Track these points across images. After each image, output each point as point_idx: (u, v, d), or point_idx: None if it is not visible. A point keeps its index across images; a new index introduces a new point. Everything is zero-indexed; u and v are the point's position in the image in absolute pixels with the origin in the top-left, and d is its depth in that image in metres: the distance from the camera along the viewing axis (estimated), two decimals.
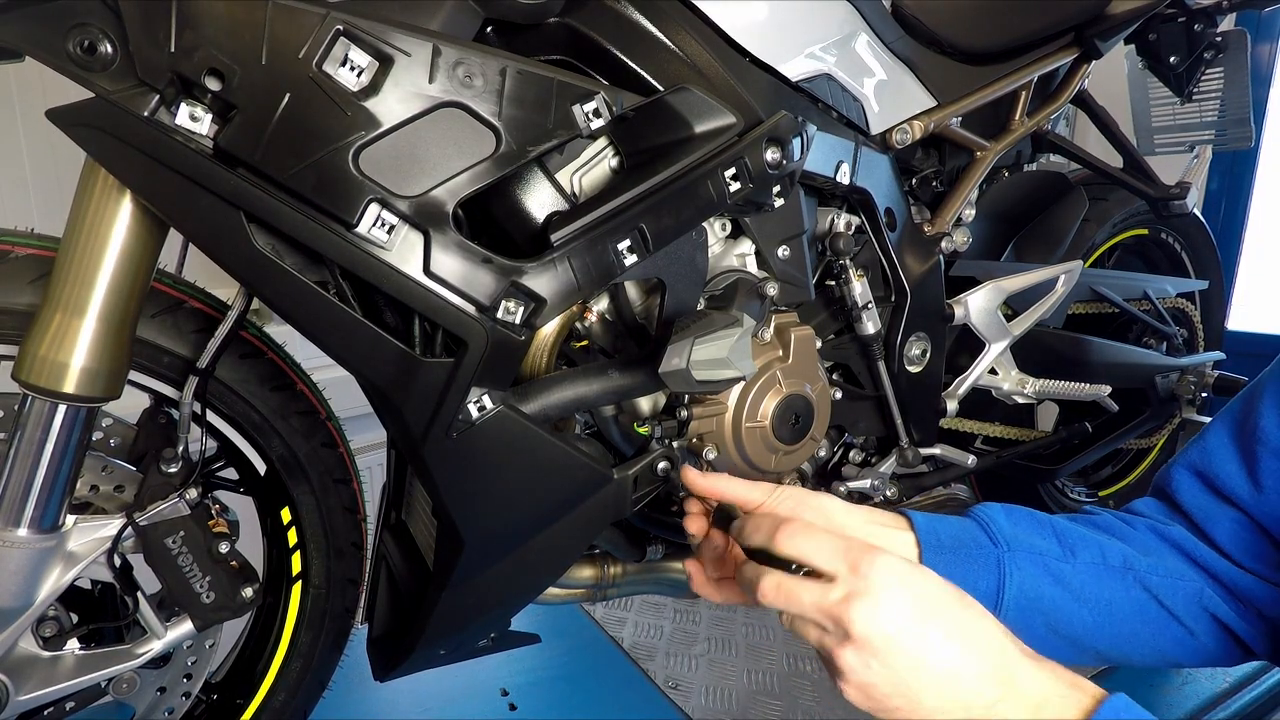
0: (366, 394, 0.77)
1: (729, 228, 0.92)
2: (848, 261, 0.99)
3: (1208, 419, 1.62)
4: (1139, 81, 1.55)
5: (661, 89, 0.78)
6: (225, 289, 0.84)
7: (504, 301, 0.70)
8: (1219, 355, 1.69)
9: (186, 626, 0.86)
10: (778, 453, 0.97)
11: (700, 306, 0.86)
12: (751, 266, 0.91)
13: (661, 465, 0.88)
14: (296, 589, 0.98)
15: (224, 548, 0.85)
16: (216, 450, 0.93)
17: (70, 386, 0.70)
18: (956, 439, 1.31)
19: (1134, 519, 0.77)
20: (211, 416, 0.87)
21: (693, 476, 0.72)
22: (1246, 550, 0.71)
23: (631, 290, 0.87)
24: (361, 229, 0.65)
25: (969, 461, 1.17)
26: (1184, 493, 0.75)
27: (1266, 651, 0.71)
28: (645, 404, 0.93)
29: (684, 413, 0.91)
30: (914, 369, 1.11)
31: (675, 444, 0.92)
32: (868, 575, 0.53)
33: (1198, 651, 0.71)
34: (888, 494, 1.16)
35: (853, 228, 1.02)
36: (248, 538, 0.92)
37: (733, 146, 0.78)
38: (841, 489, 1.13)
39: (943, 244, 1.11)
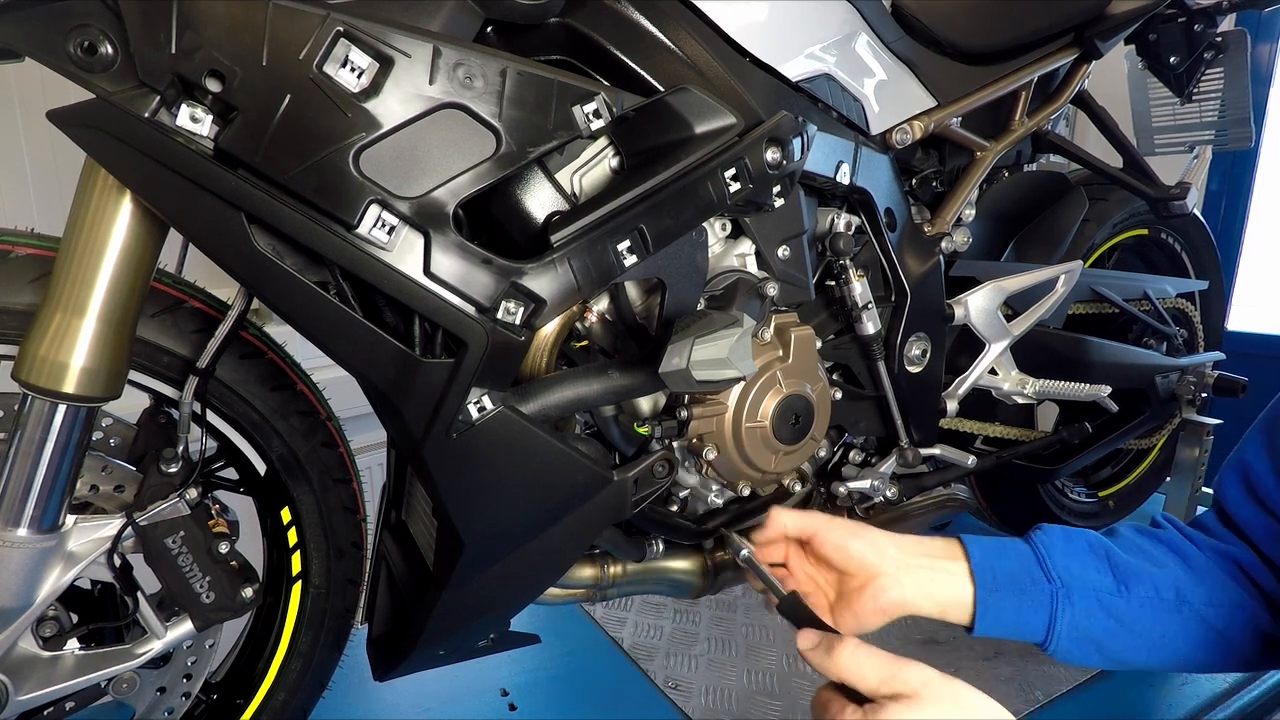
0: (366, 394, 0.78)
1: (729, 228, 0.92)
2: (848, 261, 0.99)
3: (1208, 419, 1.64)
4: (1139, 81, 1.55)
5: (662, 89, 0.78)
6: (225, 289, 0.84)
7: (504, 302, 0.71)
8: (1219, 355, 1.69)
9: (186, 626, 0.86)
10: (778, 453, 0.97)
11: (700, 306, 0.86)
12: (751, 266, 0.91)
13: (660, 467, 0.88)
14: (296, 589, 0.98)
15: (224, 548, 0.85)
16: (216, 450, 0.93)
17: (70, 386, 0.70)
18: (956, 439, 1.31)
19: (1199, 535, 0.76)
20: (211, 416, 0.87)
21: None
22: None
23: (631, 290, 0.87)
24: (362, 230, 0.65)
25: (969, 462, 1.17)
26: (1231, 502, 0.74)
27: None
28: (645, 404, 0.93)
29: (684, 413, 0.91)
30: (914, 369, 1.11)
31: (675, 444, 0.92)
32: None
33: (1245, 665, 0.73)
34: (888, 494, 1.16)
35: (853, 228, 1.02)
36: (248, 538, 0.92)
37: (733, 147, 0.78)
38: (842, 489, 1.13)
39: (943, 244, 1.11)
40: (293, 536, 0.96)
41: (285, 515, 0.95)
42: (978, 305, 1.14)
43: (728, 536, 0.77)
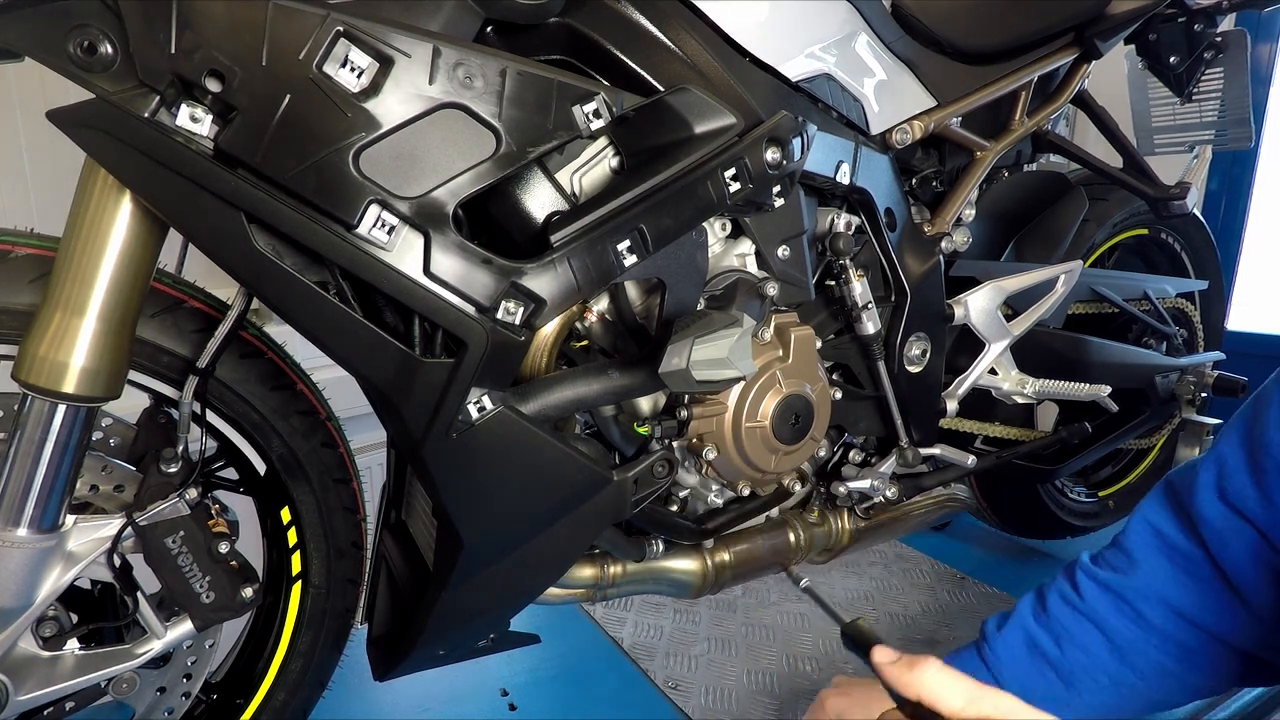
0: (366, 394, 0.78)
1: (729, 228, 0.92)
2: (848, 261, 0.99)
3: (1208, 419, 1.64)
4: (1139, 81, 1.55)
5: (662, 89, 0.78)
6: (225, 289, 0.84)
7: (504, 302, 0.71)
8: (1219, 355, 1.69)
9: (186, 626, 0.86)
10: (777, 453, 0.97)
11: (700, 306, 0.86)
12: (751, 266, 0.91)
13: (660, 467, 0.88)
14: (296, 589, 0.98)
15: (224, 548, 0.85)
16: (216, 450, 0.93)
17: (70, 386, 0.70)
18: (956, 439, 1.31)
19: (1120, 581, 0.76)
20: (211, 416, 0.87)
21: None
22: (1265, 567, 0.69)
23: (631, 290, 0.87)
24: (362, 230, 0.65)
25: (969, 461, 1.17)
26: (1205, 507, 0.73)
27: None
28: (645, 404, 0.93)
29: (684, 413, 0.91)
30: (914, 369, 1.11)
31: (675, 444, 0.92)
32: None
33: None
34: (888, 494, 1.16)
35: (853, 228, 1.02)
36: (247, 538, 0.92)
37: (733, 147, 0.78)
38: (841, 489, 1.13)
39: (943, 244, 1.11)
40: (292, 536, 0.96)
41: (285, 515, 0.95)
42: (978, 305, 1.14)
43: (789, 570, 0.78)
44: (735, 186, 0.78)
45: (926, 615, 1.56)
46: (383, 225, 0.65)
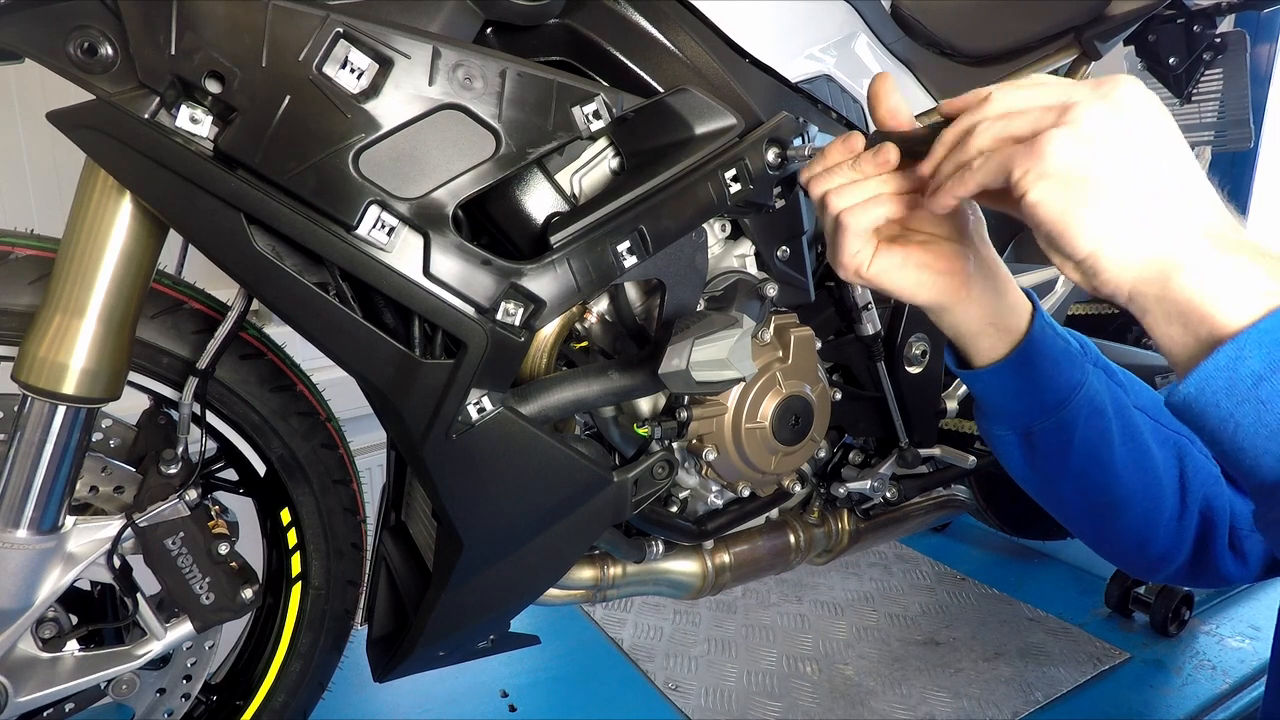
0: (366, 395, 0.78)
1: (729, 228, 0.92)
2: None
3: None
4: None
5: (662, 90, 0.78)
6: (225, 290, 0.84)
7: (503, 303, 0.71)
8: None
9: (186, 628, 0.86)
10: (778, 454, 0.97)
11: (700, 307, 0.86)
12: (751, 267, 0.91)
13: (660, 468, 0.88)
14: (296, 590, 0.98)
15: (223, 549, 0.85)
16: (216, 451, 0.93)
17: (70, 387, 0.70)
18: (956, 439, 1.30)
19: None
20: (211, 417, 0.87)
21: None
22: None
23: (631, 291, 0.87)
24: (361, 231, 0.65)
25: (969, 462, 1.17)
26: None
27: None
28: (645, 405, 0.93)
29: (684, 414, 0.91)
30: (914, 370, 1.11)
31: (675, 445, 0.92)
32: (1114, 89, 0.50)
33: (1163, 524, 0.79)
34: (888, 495, 1.16)
35: None
36: (247, 539, 0.92)
37: (733, 148, 0.78)
38: (841, 490, 1.13)
39: None
40: (292, 538, 0.96)
41: (285, 516, 0.95)
42: None
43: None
44: (735, 187, 0.78)
45: (926, 616, 1.56)
46: (382, 226, 0.65)
